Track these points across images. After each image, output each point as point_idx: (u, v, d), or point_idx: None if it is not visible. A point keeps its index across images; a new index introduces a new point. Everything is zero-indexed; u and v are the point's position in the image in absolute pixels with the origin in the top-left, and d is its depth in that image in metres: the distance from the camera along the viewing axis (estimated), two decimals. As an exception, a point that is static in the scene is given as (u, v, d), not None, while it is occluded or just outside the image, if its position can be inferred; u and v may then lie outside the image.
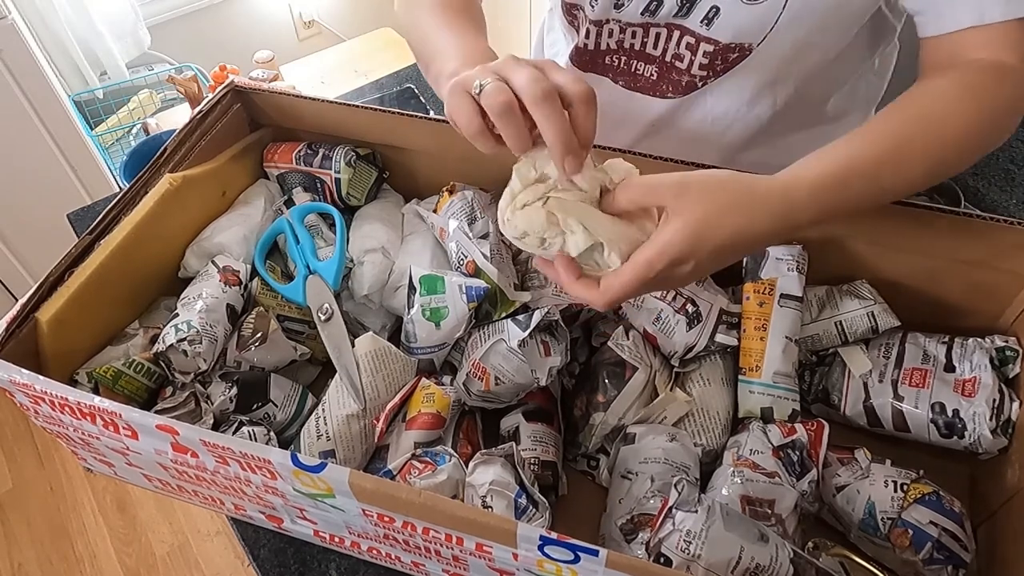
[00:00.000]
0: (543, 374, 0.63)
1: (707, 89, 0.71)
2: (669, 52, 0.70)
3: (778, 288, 0.66)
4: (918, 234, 0.64)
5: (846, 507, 0.60)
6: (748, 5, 0.63)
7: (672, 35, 0.68)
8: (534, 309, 0.64)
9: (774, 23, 0.63)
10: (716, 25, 0.65)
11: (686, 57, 0.69)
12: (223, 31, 2.20)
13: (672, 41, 0.69)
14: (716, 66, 0.69)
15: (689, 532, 0.50)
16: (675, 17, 0.66)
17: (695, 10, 0.65)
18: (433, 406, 0.62)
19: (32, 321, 0.58)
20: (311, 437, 0.62)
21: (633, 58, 0.73)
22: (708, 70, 0.69)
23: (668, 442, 0.62)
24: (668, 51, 0.70)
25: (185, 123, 0.74)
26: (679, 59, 0.70)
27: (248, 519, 0.64)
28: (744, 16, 0.63)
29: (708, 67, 0.69)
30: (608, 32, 0.71)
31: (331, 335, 0.66)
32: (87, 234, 0.63)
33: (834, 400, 0.67)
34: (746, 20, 0.64)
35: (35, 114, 1.53)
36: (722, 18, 0.64)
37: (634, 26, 0.69)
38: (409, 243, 0.76)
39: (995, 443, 0.60)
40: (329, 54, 1.78)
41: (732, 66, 0.68)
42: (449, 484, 0.57)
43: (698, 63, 0.69)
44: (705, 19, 0.65)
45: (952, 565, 0.56)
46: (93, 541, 1.68)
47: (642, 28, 0.69)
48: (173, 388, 0.62)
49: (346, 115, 0.77)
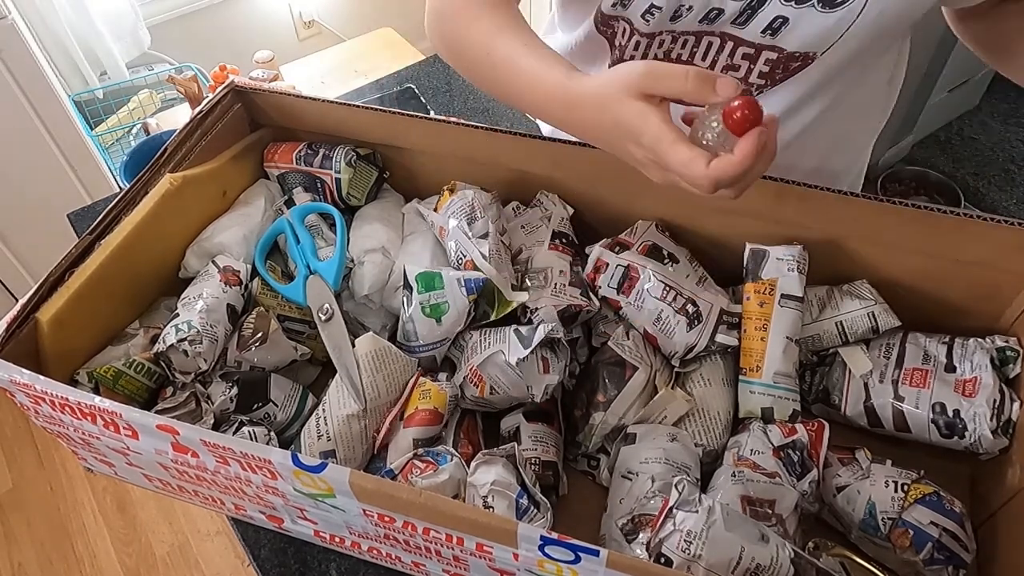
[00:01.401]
0: (539, 391, 0.63)
1: (761, 97, 0.70)
2: (720, 63, 0.68)
3: (779, 288, 0.66)
4: (918, 234, 0.64)
5: (846, 507, 0.60)
6: (823, 13, 0.61)
7: (725, 46, 0.67)
8: (539, 323, 0.64)
9: (845, 30, 0.62)
10: (783, 34, 0.64)
11: (743, 67, 0.68)
12: (223, 31, 2.20)
13: (724, 52, 0.67)
14: (776, 75, 0.68)
15: (690, 532, 0.50)
16: (732, 25, 0.65)
17: (755, 19, 0.64)
18: (430, 402, 0.62)
19: (32, 321, 0.58)
20: (311, 437, 0.62)
21: None
22: (767, 78, 0.68)
23: (669, 442, 0.62)
24: (719, 62, 0.68)
25: (185, 123, 0.74)
26: (733, 69, 0.68)
27: (248, 519, 0.64)
28: (817, 25, 0.62)
29: (768, 75, 0.68)
30: (659, 43, 0.69)
31: (331, 335, 0.66)
32: (87, 234, 0.63)
33: (834, 400, 0.67)
34: (818, 29, 0.63)
35: (35, 114, 1.53)
36: (791, 27, 0.63)
37: (688, 34, 0.68)
38: (409, 243, 0.76)
39: (996, 443, 0.60)
40: (329, 54, 1.78)
41: (792, 74, 0.67)
42: (451, 484, 0.57)
43: (758, 71, 0.68)
44: (769, 29, 0.64)
45: (952, 565, 0.56)
46: (93, 541, 1.68)
47: (695, 37, 0.68)
48: (173, 388, 0.62)
49: (346, 115, 0.77)
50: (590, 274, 0.69)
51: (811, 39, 0.64)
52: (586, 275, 0.70)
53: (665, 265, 0.69)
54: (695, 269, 0.71)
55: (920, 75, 2.01)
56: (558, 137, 0.71)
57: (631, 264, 0.68)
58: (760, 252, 0.68)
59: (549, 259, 0.70)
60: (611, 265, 0.68)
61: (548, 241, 0.72)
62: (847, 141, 0.80)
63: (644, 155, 0.53)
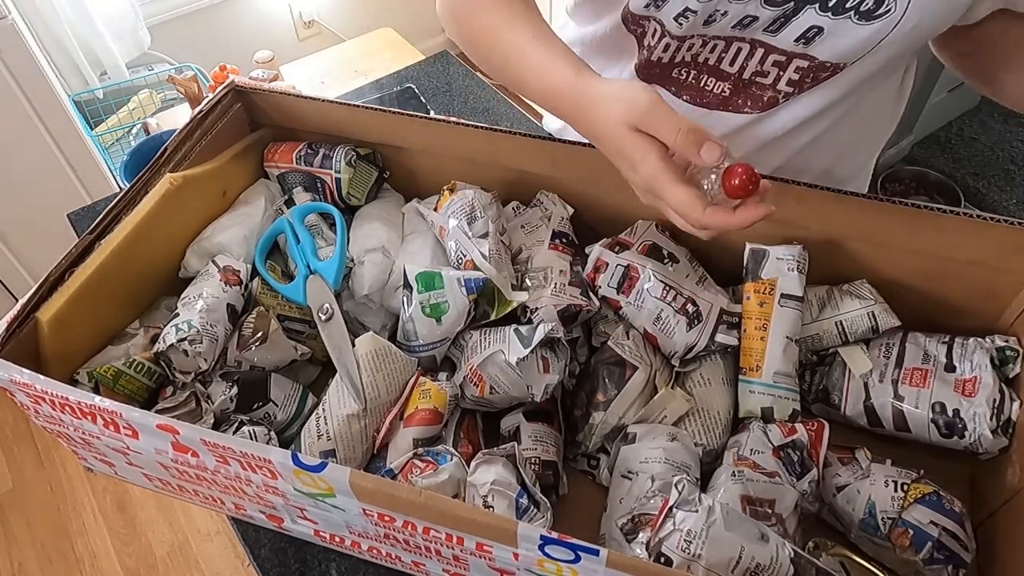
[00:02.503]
0: (539, 390, 0.63)
1: (787, 104, 0.70)
2: (749, 69, 0.68)
3: (778, 288, 0.66)
4: (918, 234, 0.64)
5: (846, 507, 0.60)
6: (859, 24, 0.61)
7: (755, 52, 0.67)
8: (539, 322, 0.64)
9: (879, 41, 0.62)
10: (817, 44, 0.63)
11: (771, 73, 0.68)
12: (223, 31, 2.21)
13: (754, 58, 0.67)
14: (805, 83, 0.67)
15: (689, 532, 0.50)
16: (765, 32, 0.65)
17: (788, 27, 0.63)
18: (430, 402, 0.62)
19: (32, 321, 0.58)
20: (311, 437, 0.62)
21: (704, 73, 0.71)
22: (796, 86, 0.68)
23: (668, 442, 0.62)
24: (748, 68, 0.68)
25: (185, 123, 0.74)
26: (762, 75, 0.68)
27: (248, 519, 0.64)
28: (853, 36, 0.62)
29: (797, 83, 0.68)
30: (688, 46, 0.69)
31: (331, 335, 0.66)
32: (87, 234, 0.63)
33: (834, 400, 0.67)
34: (853, 40, 0.62)
35: (35, 114, 1.53)
36: (825, 37, 0.63)
37: (719, 39, 0.67)
38: (409, 243, 0.76)
39: (995, 443, 0.60)
40: (329, 54, 1.78)
41: (820, 83, 0.67)
42: (451, 483, 0.57)
43: (787, 79, 0.67)
44: (803, 38, 0.63)
45: (952, 565, 0.56)
46: (93, 541, 1.68)
47: (725, 42, 0.67)
48: (173, 388, 0.62)
49: (346, 115, 0.77)
50: (590, 274, 0.69)
51: (845, 49, 0.63)
52: (586, 275, 0.70)
53: (665, 265, 0.69)
54: (695, 269, 0.71)
55: (920, 75, 2.01)
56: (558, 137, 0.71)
57: (631, 264, 0.68)
58: (760, 252, 0.68)
59: (549, 259, 0.70)
60: (611, 265, 0.68)
61: (548, 241, 0.72)
62: (856, 148, 0.80)
63: (640, 182, 0.55)
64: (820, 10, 0.61)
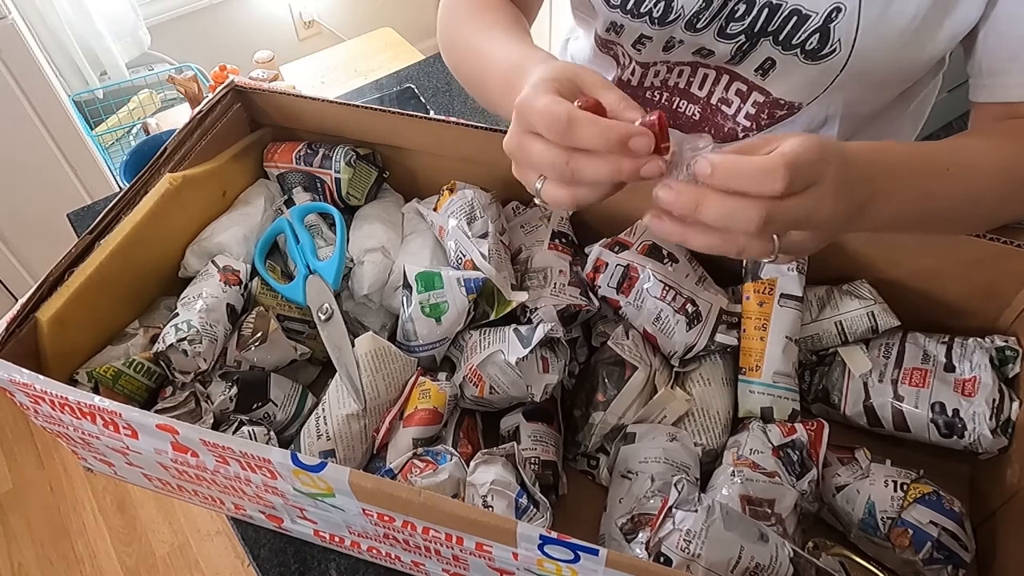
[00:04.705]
0: (538, 390, 0.63)
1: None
2: (716, 95, 0.68)
3: (778, 288, 0.66)
4: (918, 234, 0.64)
5: (846, 507, 0.60)
6: (805, 64, 0.61)
7: (721, 79, 0.67)
8: (538, 322, 0.64)
9: (828, 85, 0.61)
10: (772, 78, 0.63)
11: (734, 103, 0.68)
12: (223, 31, 2.21)
13: (720, 85, 0.67)
14: (761, 119, 0.67)
15: (689, 531, 0.50)
16: (728, 63, 0.65)
17: (748, 59, 0.63)
18: (430, 402, 0.62)
19: (32, 321, 0.58)
20: (311, 437, 0.62)
21: (676, 95, 0.71)
22: (753, 121, 0.68)
23: (668, 442, 0.62)
24: (715, 94, 0.68)
25: (185, 123, 0.74)
26: (726, 103, 0.68)
27: (248, 519, 0.64)
28: (801, 74, 0.61)
29: (754, 118, 0.67)
30: (655, 72, 0.69)
31: (331, 335, 0.66)
32: (87, 234, 0.63)
33: (834, 400, 0.67)
34: (801, 78, 0.62)
35: (35, 114, 1.53)
36: (778, 72, 0.62)
37: (683, 65, 0.67)
38: (409, 243, 0.76)
39: (995, 443, 0.60)
40: (329, 54, 1.78)
41: (777, 122, 0.67)
42: (450, 483, 0.57)
43: (745, 112, 0.67)
44: (760, 68, 0.63)
45: (952, 565, 0.56)
46: (93, 541, 1.68)
47: (690, 67, 0.67)
48: (173, 388, 0.62)
49: (346, 115, 0.77)
50: (589, 274, 0.69)
51: (796, 87, 0.63)
52: (586, 275, 0.70)
53: (665, 264, 0.69)
54: (694, 268, 0.71)
55: (920, 75, 2.01)
56: None
57: (631, 264, 0.68)
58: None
59: (549, 259, 0.70)
60: (611, 265, 0.68)
61: (548, 241, 0.72)
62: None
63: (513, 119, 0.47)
64: (773, 43, 0.61)
